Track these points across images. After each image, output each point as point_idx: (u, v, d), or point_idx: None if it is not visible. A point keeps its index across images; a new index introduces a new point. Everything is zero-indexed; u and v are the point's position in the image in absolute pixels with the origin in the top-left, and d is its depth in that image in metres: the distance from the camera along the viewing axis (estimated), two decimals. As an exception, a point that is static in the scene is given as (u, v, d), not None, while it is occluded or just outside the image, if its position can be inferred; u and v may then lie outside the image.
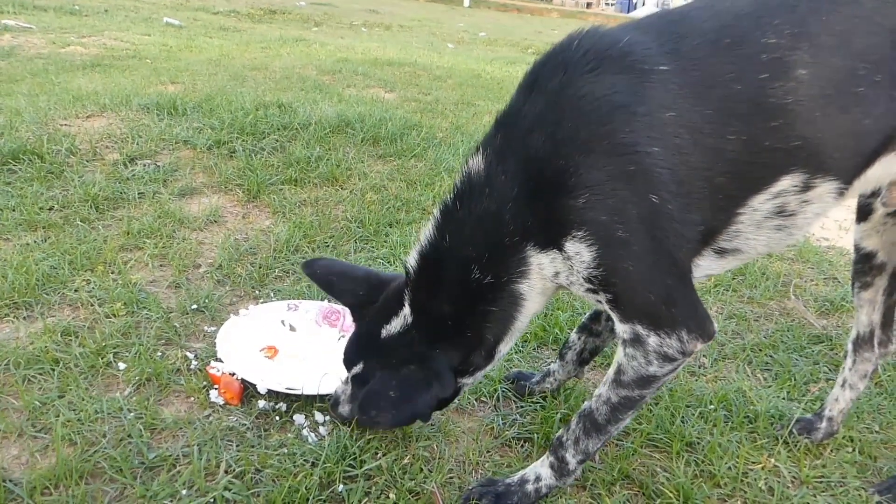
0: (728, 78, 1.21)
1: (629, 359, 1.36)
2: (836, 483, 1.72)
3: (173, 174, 3.13)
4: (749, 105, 1.21)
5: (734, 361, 2.23)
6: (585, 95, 1.22)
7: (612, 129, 1.21)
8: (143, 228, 2.59)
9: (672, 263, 1.27)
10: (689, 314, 1.31)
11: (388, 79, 6.29)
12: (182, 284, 2.29)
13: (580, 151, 1.22)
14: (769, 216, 1.31)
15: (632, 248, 1.24)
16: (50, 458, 1.51)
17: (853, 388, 1.82)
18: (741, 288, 2.72)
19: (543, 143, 1.25)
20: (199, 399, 1.75)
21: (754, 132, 1.21)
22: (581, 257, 1.27)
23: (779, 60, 1.20)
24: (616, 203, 1.22)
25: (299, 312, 2.13)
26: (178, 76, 5.34)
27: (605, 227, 1.23)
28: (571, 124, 1.23)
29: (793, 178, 1.26)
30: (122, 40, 7.75)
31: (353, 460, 1.59)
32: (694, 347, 1.32)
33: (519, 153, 1.28)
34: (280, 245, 2.61)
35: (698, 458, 1.74)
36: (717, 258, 1.37)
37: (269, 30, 10.88)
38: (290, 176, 3.22)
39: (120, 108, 3.84)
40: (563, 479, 1.53)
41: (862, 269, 1.72)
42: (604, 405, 1.43)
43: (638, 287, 1.28)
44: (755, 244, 1.36)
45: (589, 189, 1.21)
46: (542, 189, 1.26)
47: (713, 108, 1.21)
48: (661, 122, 1.20)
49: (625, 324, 1.33)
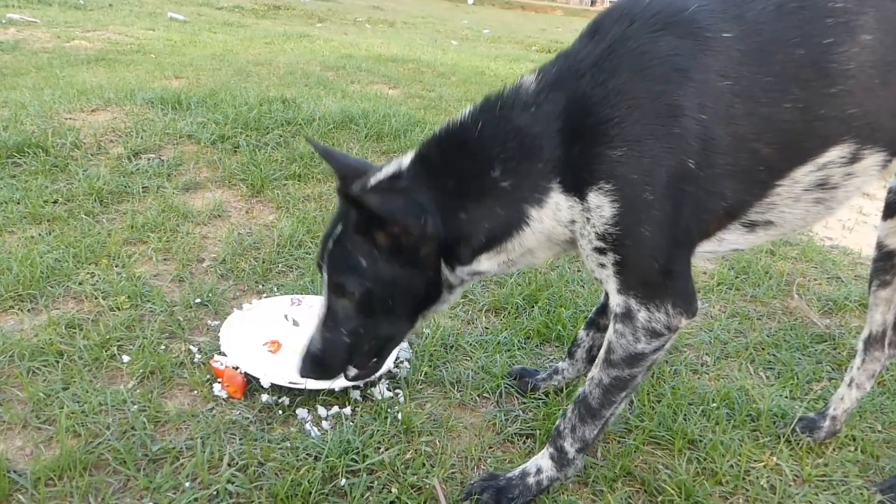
0: (791, 43, 1.19)
1: (618, 336, 1.37)
2: (839, 482, 1.72)
3: (177, 168, 3.14)
4: (810, 70, 1.19)
5: (737, 360, 2.23)
6: (647, 52, 1.22)
7: (666, 90, 1.20)
8: (147, 222, 2.60)
9: (685, 234, 1.28)
10: (680, 289, 1.32)
11: (391, 75, 6.29)
12: (186, 278, 2.29)
13: (629, 105, 1.21)
14: (810, 189, 1.30)
15: (653, 212, 1.23)
16: (54, 449, 1.51)
17: (860, 388, 1.81)
18: (744, 286, 2.72)
19: (595, 88, 1.24)
20: (203, 392, 1.75)
21: (812, 99, 1.20)
22: (601, 211, 1.25)
23: (844, 25, 1.18)
24: (651, 164, 1.21)
25: (302, 307, 2.13)
26: (182, 71, 5.35)
27: (634, 185, 1.22)
28: (626, 77, 1.22)
29: (842, 149, 1.25)
30: (127, 35, 7.75)
31: (356, 455, 1.59)
32: (679, 323, 1.33)
33: (570, 90, 1.27)
34: (283, 240, 2.61)
35: (700, 456, 1.74)
36: (746, 232, 1.37)
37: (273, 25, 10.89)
38: (294, 171, 3.22)
39: (124, 102, 3.85)
40: (563, 469, 1.53)
41: (882, 268, 1.70)
42: (596, 388, 1.44)
43: (646, 253, 1.27)
44: (790, 217, 1.35)
45: (628, 144, 1.20)
46: (583, 133, 1.25)
47: (773, 75, 1.20)
48: (716, 91, 1.20)
49: (620, 295, 1.34)
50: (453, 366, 2.01)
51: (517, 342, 2.16)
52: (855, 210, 3.88)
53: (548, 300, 2.37)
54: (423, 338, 2.09)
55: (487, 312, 2.34)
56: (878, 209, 4.12)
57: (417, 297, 1.43)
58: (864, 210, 3.91)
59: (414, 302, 1.44)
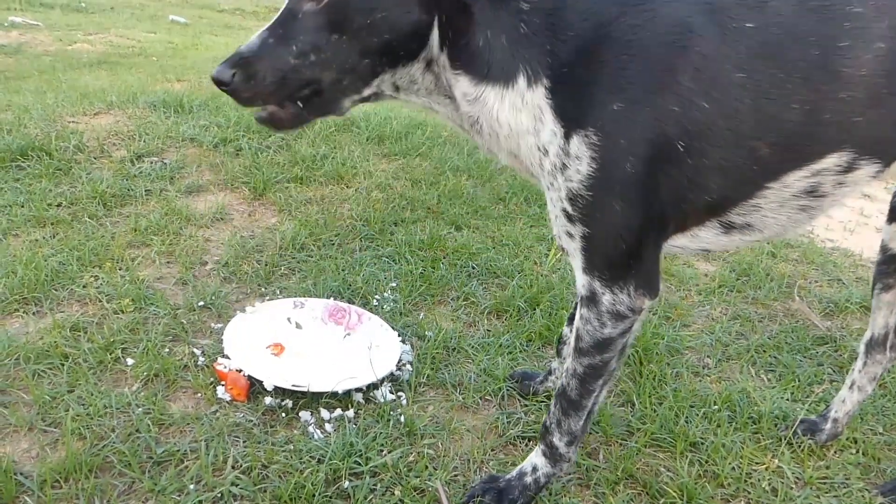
0: (808, 41, 1.17)
1: (584, 322, 1.36)
2: (840, 484, 1.73)
3: (180, 171, 3.15)
4: (822, 72, 1.16)
5: (738, 362, 2.23)
6: (674, 25, 1.17)
7: (678, 70, 1.16)
8: (150, 225, 2.61)
9: (659, 219, 1.25)
10: (643, 271, 1.30)
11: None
12: (189, 281, 2.30)
13: (643, 67, 1.16)
14: (798, 195, 1.27)
15: (630, 187, 1.19)
16: (60, 451, 1.52)
17: (861, 391, 1.81)
18: (745, 289, 2.73)
19: (620, 34, 1.17)
20: (207, 395, 1.76)
21: (820, 102, 1.17)
22: (579, 164, 1.20)
23: (860, 30, 1.16)
24: (640, 134, 1.17)
25: (305, 310, 2.14)
26: (184, 74, 5.36)
27: (618, 149, 1.17)
28: (649, 39, 1.17)
29: (839, 157, 1.22)
30: (128, 38, 7.78)
31: (359, 457, 1.60)
32: (642, 304, 1.32)
33: (594, 18, 1.19)
34: (286, 243, 2.62)
35: (702, 458, 1.75)
36: (722, 232, 1.34)
37: (275, 28, 10.89)
38: (296, 174, 3.23)
39: (127, 105, 3.86)
40: (557, 464, 1.53)
41: (886, 271, 1.69)
42: (572, 378, 1.44)
43: (614, 232, 1.24)
44: (771, 223, 1.32)
45: (628, 102, 1.16)
46: (595, 66, 1.18)
47: (786, 72, 1.17)
48: (727, 83, 1.17)
49: (585, 275, 1.32)
50: (455, 368, 2.02)
51: (519, 345, 2.16)
52: (856, 212, 3.89)
53: (549, 303, 2.37)
54: (426, 340, 2.10)
55: (489, 315, 2.35)
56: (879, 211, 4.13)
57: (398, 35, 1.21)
58: (865, 212, 3.91)
59: (389, 41, 1.21)
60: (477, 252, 2.69)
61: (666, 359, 2.17)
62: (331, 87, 1.25)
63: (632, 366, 2.10)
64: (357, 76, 1.25)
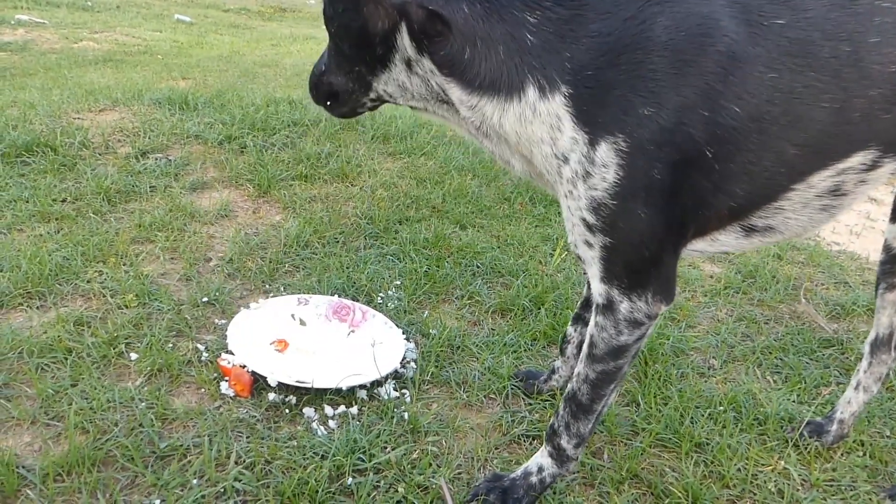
0: (839, 38, 1.13)
1: (599, 330, 1.34)
2: (847, 486, 1.71)
3: (184, 168, 3.15)
4: (853, 70, 1.13)
5: (744, 364, 2.22)
6: (703, 24, 1.13)
7: (709, 72, 1.12)
8: (154, 221, 2.60)
9: (680, 225, 1.22)
10: (661, 278, 1.28)
11: (398, 78, 6.30)
12: (193, 277, 2.29)
13: (674, 70, 1.12)
14: (821, 195, 1.25)
15: (655, 194, 1.15)
16: (63, 445, 1.52)
17: (867, 391, 1.80)
18: (751, 290, 2.72)
19: (650, 34, 1.13)
20: (210, 390, 1.76)
21: (849, 101, 1.14)
22: (605, 173, 1.15)
23: (891, 25, 1.14)
24: (669, 139, 1.12)
25: (309, 307, 2.14)
26: (189, 72, 5.38)
27: (647, 156, 1.13)
28: (682, 41, 1.12)
29: (864, 156, 1.20)
30: (134, 36, 7.80)
31: (363, 454, 1.59)
32: (658, 310, 1.30)
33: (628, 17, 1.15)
34: (290, 240, 2.61)
35: (707, 459, 1.74)
36: (743, 236, 1.32)
37: (279, 27, 10.93)
38: (301, 172, 3.23)
39: (132, 102, 3.86)
40: (564, 465, 1.52)
41: (889, 270, 1.68)
42: (584, 384, 1.42)
43: (637, 241, 1.21)
44: (793, 224, 1.30)
45: (658, 107, 1.12)
46: (623, 69, 1.13)
47: (816, 70, 1.13)
48: (758, 84, 1.13)
49: (603, 284, 1.29)
50: (459, 367, 2.01)
51: (523, 344, 2.15)
52: (862, 215, 3.87)
53: (554, 302, 2.36)
54: (430, 339, 2.09)
55: (493, 314, 2.34)
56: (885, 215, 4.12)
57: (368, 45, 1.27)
58: (871, 215, 3.90)
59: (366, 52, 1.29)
60: (481, 251, 2.68)
61: (671, 359, 2.15)
62: (343, 92, 1.42)
63: (637, 366, 2.09)
64: (356, 82, 1.38)
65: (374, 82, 1.36)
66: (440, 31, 1.20)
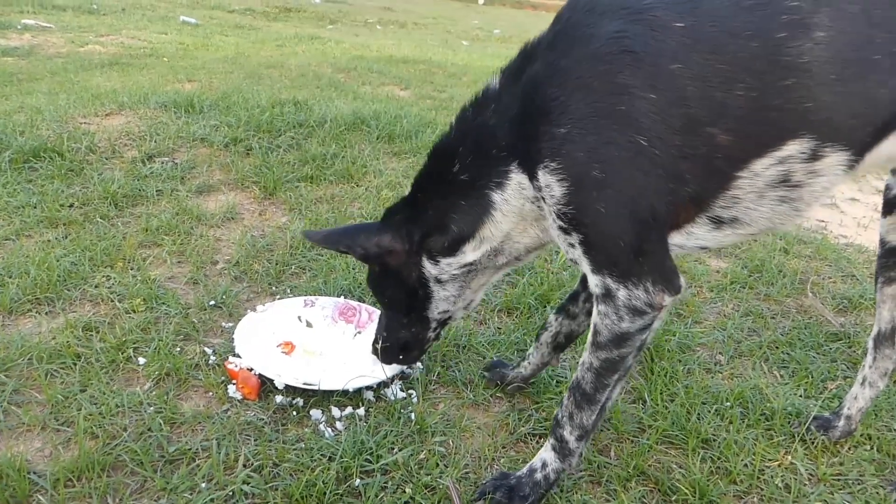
0: (746, 35, 1.23)
1: (602, 317, 1.37)
2: (854, 481, 1.71)
3: (191, 171, 3.17)
4: (763, 62, 1.22)
5: (750, 359, 2.22)
6: (596, 35, 1.26)
7: (612, 70, 1.24)
8: (161, 225, 2.62)
9: (648, 212, 1.29)
10: (655, 266, 1.33)
11: (403, 76, 6.31)
12: (200, 280, 2.31)
13: (575, 84, 1.27)
14: (773, 185, 1.31)
15: (605, 190, 1.27)
16: (72, 450, 1.54)
17: (873, 386, 1.80)
18: (758, 285, 2.71)
19: (544, 69, 1.31)
20: (218, 394, 1.77)
21: (765, 89, 1.22)
22: (551, 191, 1.31)
23: (798, 22, 1.21)
24: (597, 141, 1.25)
25: (316, 309, 2.15)
26: (194, 74, 5.40)
27: (580, 163, 1.26)
28: (574, 57, 1.28)
29: (801, 144, 1.26)
30: (140, 39, 7.84)
31: (370, 455, 1.60)
32: (661, 300, 1.34)
33: (524, 76, 1.36)
34: (296, 242, 2.63)
35: (714, 455, 1.73)
36: (714, 228, 1.38)
37: (285, 28, 10.95)
38: (306, 173, 3.24)
39: (138, 106, 3.89)
40: (567, 459, 1.53)
41: (886, 264, 1.70)
42: (588, 372, 1.45)
43: (609, 231, 1.30)
44: (756, 216, 1.36)
45: (572, 121, 1.25)
46: (533, 113, 1.32)
47: (726, 62, 1.23)
48: (665, 72, 1.23)
49: (596, 275, 1.35)
50: (466, 366, 2.02)
51: (529, 342, 2.15)
52: (870, 207, 3.85)
53: (560, 300, 2.36)
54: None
55: (500, 313, 2.34)
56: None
57: (410, 293, 1.65)
58: (878, 207, 3.87)
59: (410, 299, 1.66)
60: (487, 249, 2.68)
61: (677, 355, 2.15)
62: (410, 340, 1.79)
63: (643, 363, 2.09)
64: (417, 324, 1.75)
65: (427, 313, 1.68)
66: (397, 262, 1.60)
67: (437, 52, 9.00)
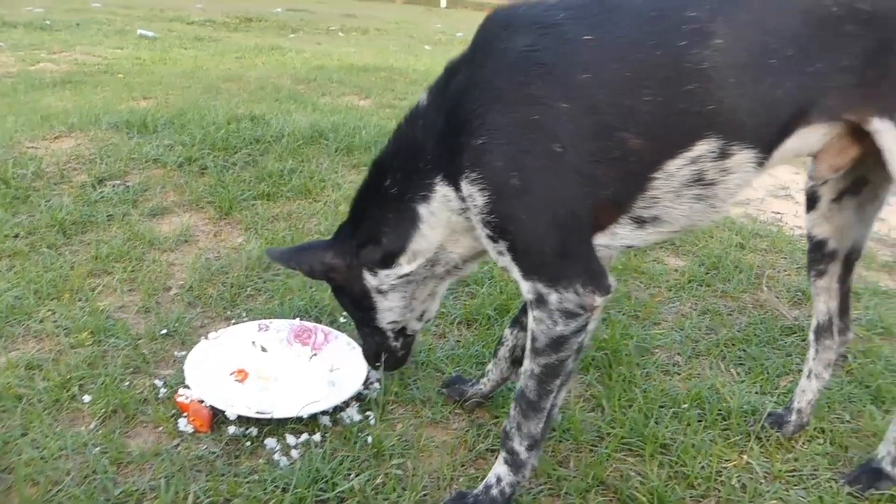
0: (650, 44, 1.30)
1: (537, 322, 1.40)
2: (808, 476, 1.73)
3: (143, 194, 3.11)
4: (667, 69, 1.29)
5: (707, 358, 2.23)
6: (509, 49, 1.33)
7: (525, 81, 1.30)
8: (111, 252, 2.57)
9: (569, 216, 1.34)
10: (583, 268, 1.37)
11: (363, 85, 6.27)
12: (152, 309, 2.26)
13: (491, 96, 1.33)
14: (688, 184, 1.35)
15: (525, 197, 1.32)
16: (12, 499, 1.48)
17: (819, 378, 1.83)
18: (715, 282, 2.73)
19: (464, 83, 1.38)
20: (168, 428, 1.73)
21: (670, 94, 1.29)
22: (474, 200, 1.36)
23: (697, 30, 1.28)
24: (514, 150, 1.31)
25: (270, 332, 2.11)
26: (150, 90, 5.31)
27: (498, 172, 1.32)
28: (490, 70, 1.34)
29: (709, 144, 1.31)
30: (94, 55, 7.69)
31: (325, 483, 1.58)
32: (592, 301, 1.37)
33: (447, 92, 1.42)
34: (252, 262, 2.59)
35: (672, 460, 1.74)
36: (637, 228, 1.42)
37: (246, 38, 10.82)
38: (263, 190, 3.20)
39: (89, 127, 3.80)
40: (519, 472, 1.53)
41: (815, 258, 1.74)
42: (530, 379, 1.46)
43: (531, 239, 1.35)
44: (676, 214, 1.40)
45: (489, 132, 1.31)
46: (454, 126, 1.37)
47: (632, 70, 1.30)
48: (576, 82, 1.30)
49: (526, 281, 1.39)
50: (425, 383, 2.00)
51: (489, 354, 2.14)
52: (825, 196, 3.90)
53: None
54: (393, 356, 2.07)
55: (459, 325, 2.33)
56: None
57: (358, 305, 1.73)
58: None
59: (360, 310, 1.75)
60: (445, 260, 2.67)
61: (636, 359, 2.16)
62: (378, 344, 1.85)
63: (602, 369, 2.10)
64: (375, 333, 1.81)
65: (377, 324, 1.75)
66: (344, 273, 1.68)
67: (399, 58, 8.97)
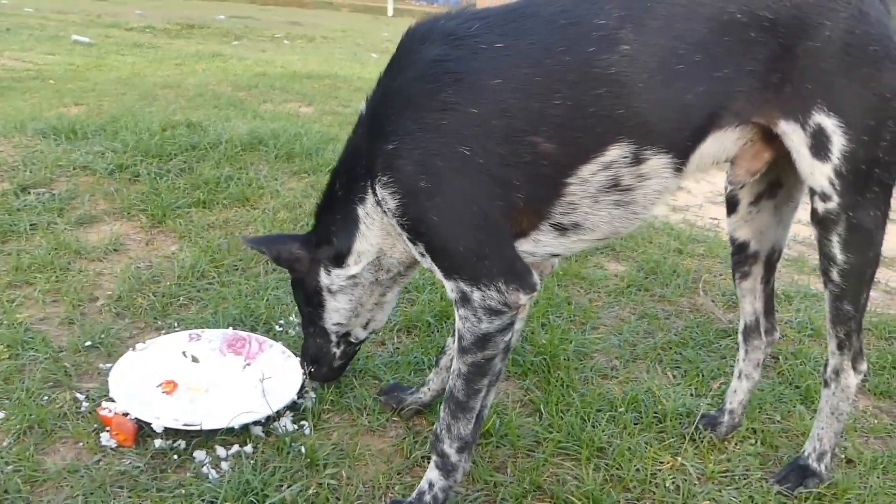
0: (559, 51, 1.32)
1: (463, 321, 1.41)
2: (740, 476, 1.76)
3: (70, 202, 2.98)
4: (576, 74, 1.31)
5: (644, 361, 2.26)
6: (421, 59, 1.38)
7: (436, 88, 1.34)
8: (33, 262, 2.45)
9: (482, 217, 1.36)
10: (504, 267, 1.38)
11: (306, 93, 6.21)
12: (76, 320, 2.16)
13: (402, 103, 1.38)
14: (604, 190, 1.37)
15: (436, 199, 1.35)
16: (-88, 524, 1.39)
17: (749, 378, 1.87)
18: (653, 287, 2.78)
19: (381, 92, 1.45)
20: (89, 444, 1.65)
21: (580, 98, 1.31)
22: (387, 204, 1.41)
23: (605, 37, 1.31)
24: (422, 154, 1.34)
25: (202, 342, 2.04)
26: (82, 97, 5.13)
27: (408, 175, 1.35)
28: (403, 79, 1.40)
29: (621, 149, 1.33)
30: (24, 60, 7.40)
31: (256, 495, 1.53)
32: (517, 299, 1.38)
33: (372, 101, 1.48)
34: (185, 272, 2.51)
35: (608, 463, 1.75)
36: (559, 235, 1.44)
37: (187, 45, 10.59)
38: (198, 198, 3.11)
39: (13, 134, 3.63)
40: (451, 476, 1.52)
41: (739, 260, 1.78)
42: (458, 379, 1.47)
43: (446, 239, 1.38)
44: (597, 220, 1.42)
45: (399, 137, 1.36)
46: (372, 132, 1.44)
47: (542, 76, 1.32)
48: (487, 87, 1.33)
49: (449, 281, 1.42)
50: (362, 391, 1.96)
51: (428, 361, 2.13)
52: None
53: (459, 315, 2.35)
54: (330, 364, 2.03)
55: (399, 332, 2.31)
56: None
57: (309, 301, 1.76)
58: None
59: (310, 307, 1.77)
60: (386, 268, 2.64)
61: (574, 364, 2.17)
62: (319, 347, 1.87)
63: (540, 374, 2.10)
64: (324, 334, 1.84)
65: (323, 323, 1.77)
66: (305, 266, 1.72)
67: (345, 66, 8.92)
